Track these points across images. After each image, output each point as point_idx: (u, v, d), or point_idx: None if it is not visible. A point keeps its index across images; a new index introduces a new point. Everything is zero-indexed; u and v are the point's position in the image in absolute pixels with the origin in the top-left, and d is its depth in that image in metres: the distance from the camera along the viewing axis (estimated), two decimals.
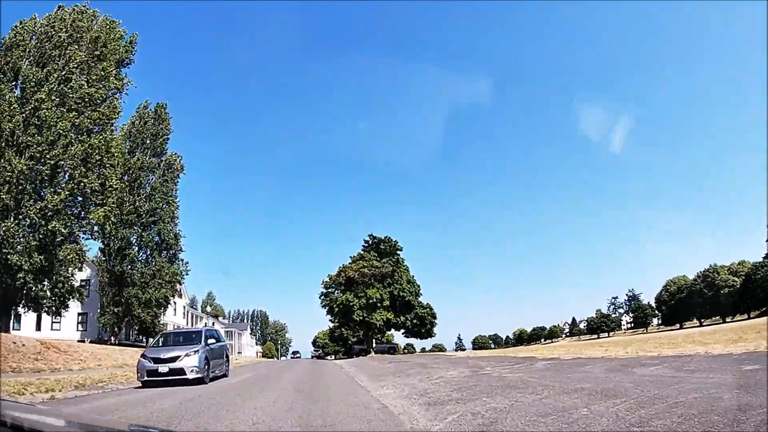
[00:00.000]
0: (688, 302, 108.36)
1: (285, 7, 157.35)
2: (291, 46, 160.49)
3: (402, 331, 50.82)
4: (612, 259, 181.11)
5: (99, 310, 40.94)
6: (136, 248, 41.51)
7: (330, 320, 59.31)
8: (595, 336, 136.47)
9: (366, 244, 52.55)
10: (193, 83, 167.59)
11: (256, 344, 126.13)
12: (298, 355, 79.08)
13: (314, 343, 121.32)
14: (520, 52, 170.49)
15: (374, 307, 39.62)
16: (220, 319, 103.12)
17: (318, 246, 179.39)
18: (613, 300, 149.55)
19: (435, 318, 49.68)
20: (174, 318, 58.55)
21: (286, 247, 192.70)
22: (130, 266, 39.72)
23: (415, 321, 46.83)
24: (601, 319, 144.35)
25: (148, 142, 45.34)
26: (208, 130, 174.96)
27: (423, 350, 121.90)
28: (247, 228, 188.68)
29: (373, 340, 43.89)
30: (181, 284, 41.99)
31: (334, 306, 40.41)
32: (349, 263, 46.83)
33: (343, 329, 59.60)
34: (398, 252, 50.32)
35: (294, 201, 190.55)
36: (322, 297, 46.50)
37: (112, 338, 40.36)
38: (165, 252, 41.95)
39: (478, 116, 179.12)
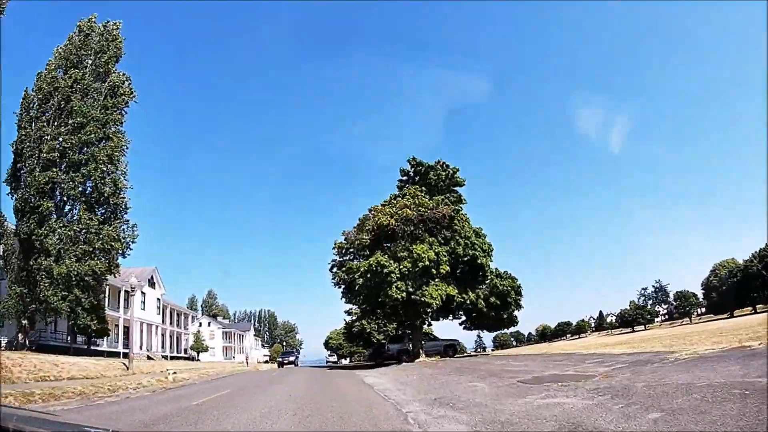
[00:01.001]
0: (744, 286, 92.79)
1: (284, 7, 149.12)
2: (289, 47, 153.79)
3: (462, 318, 30.22)
4: (607, 255, 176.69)
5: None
6: (57, 200, 26.82)
7: (347, 312, 41.56)
8: (629, 329, 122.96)
9: (405, 177, 30.73)
10: (194, 84, 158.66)
11: (263, 347, 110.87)
12: (291, 361, 48.34)
13: (327, 345, 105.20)
14: (519, 52, 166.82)
15: (426, 274, 22.44)
16: (220, 318, 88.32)
17: (327, 244, 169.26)
18: (642, 291, 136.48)
19: (520, 294, 29.90)
20: (143, 313, 43.78)
21: (294, 247, 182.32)
22: (39, 224, 24.94)
23: (492, 299, 27.79)
24: (636, 311, 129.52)
25: (88, 61, 30.92)
26: (206, 130, 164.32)
27: None
28: (254, 229, 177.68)
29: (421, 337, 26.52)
30: (124, 255, 27.31)
31: (356, 277, 22.86)
32: (381, 205, 26.14)
33: (364, 321, 42.66)
34: (457, 187, 29.79)
35: (298, 202, 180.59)
36: (335, 269, 27.70)
37: (20, 337, 25.59)
38: (99, 207, 27.11)
39: (477, 115, 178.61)
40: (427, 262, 21.45)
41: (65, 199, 26.88)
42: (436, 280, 22.11)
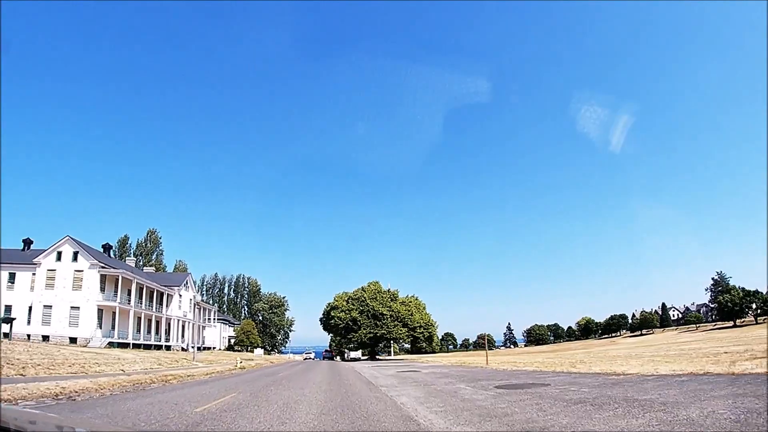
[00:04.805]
0: None
1: (285, 7, 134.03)
2: (287, 48, 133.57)
3: None
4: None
5: None
6: None
7: None
8: (730, 324, 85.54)
9: None
10: (193, 85, 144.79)
11: (221, 322, 66.80)
12: None
13: (327, 322, 61.58)
14: (520, 52, 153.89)
15: None
16: (129, 261, 45.39)
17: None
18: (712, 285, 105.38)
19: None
20: None
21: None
22: None
23: None
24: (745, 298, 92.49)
25: None
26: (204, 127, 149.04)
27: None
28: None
29: None
30: None
31: None
32: None
33: None
34: None
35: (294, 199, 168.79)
36: None
37: None
38: None
39: (478, 116, 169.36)
40: None
41: None
42: None
